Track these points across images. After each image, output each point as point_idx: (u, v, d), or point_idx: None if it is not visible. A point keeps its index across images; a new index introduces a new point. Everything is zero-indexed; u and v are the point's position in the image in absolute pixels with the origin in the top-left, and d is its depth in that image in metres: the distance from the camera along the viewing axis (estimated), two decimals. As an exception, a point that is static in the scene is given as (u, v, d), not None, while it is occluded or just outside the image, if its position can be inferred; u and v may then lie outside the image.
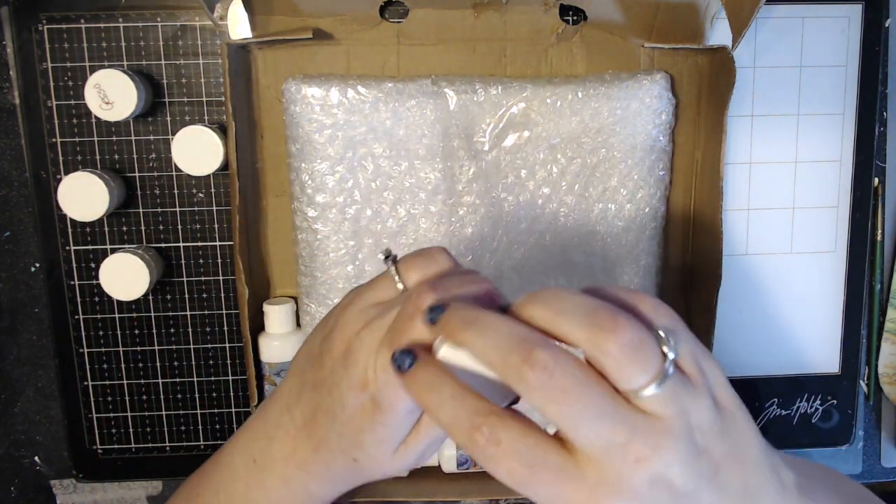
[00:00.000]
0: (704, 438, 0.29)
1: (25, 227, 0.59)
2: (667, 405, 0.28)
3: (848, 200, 0.62)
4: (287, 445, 0.38)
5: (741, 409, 0.31)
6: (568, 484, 0.28)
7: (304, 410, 0.38)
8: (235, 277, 0.58)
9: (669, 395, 0.28)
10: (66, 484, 0.64)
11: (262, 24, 0.56)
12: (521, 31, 0.58)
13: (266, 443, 0.39)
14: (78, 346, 0.61)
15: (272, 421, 0.40)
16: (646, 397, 0.28)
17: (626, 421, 0.28)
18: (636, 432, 0.27)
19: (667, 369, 0.28)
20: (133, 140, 0.58)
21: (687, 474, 0.28)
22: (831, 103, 0.61)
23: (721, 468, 0.29)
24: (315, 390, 0.37)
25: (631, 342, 0.27)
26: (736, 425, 0.30)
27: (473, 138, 0.57)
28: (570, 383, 0.27)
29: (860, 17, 0.60)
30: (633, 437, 0.27)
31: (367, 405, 0.34)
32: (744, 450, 0.30)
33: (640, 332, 0.28)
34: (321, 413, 0.37)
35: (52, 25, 0.56)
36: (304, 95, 0.55)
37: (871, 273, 0.64)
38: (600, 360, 0.28)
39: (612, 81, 0.57)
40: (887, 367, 0.64)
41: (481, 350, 0.29)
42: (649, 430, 0.28)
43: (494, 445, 0.28)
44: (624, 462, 0.27)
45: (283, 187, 0.60)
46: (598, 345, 0.28)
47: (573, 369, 0.28)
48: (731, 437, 0.30)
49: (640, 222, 0.59)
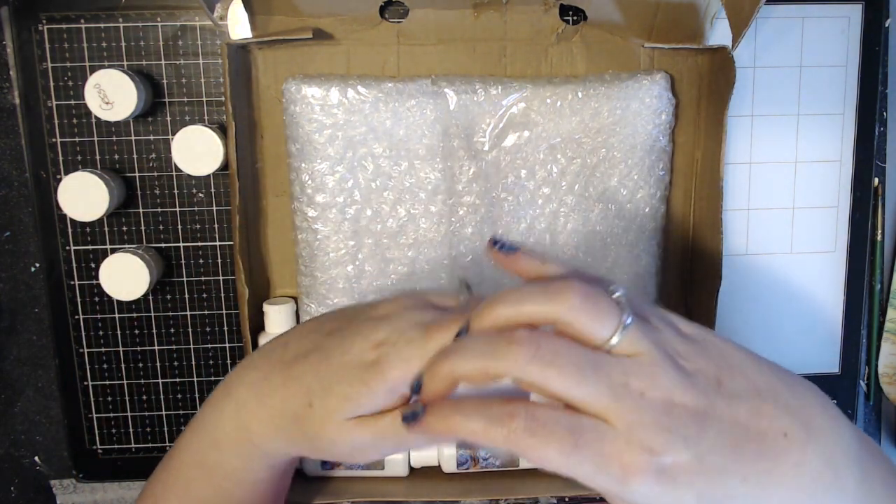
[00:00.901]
0: (688, 362, 0.31)
1: (25, 227, 0.59)
2: (639, 343, 0.30)
3: (848, 200, 0.62)
4: (261, 373, 0.39)
5: (709, 333, 0.33)
6: (608, 440, 0.29)
7: (301, 347, 0.38)
8: (235, 277, 0.58)
9: (637, 335, 0.30)
10: (66, 484, 0.64)
11: (262, 24, 0.56)
12: (521, 31, 0.58)
13: (244, 371, 0.40)
14: (78, 346, 0.61)
15: (263, 351, 0.41)
16: (618, 343, 0.30)
17: (616, 365, 0.30)
18: (628, 371, 0.30)
19: (624, 314, 0.30)
20: (133, 140, 0.58)
21: (691, 392, 0.30)
22: (831, 103, 0.61)
23: (722, 380, 0.31)
24: (328, 335, 0.38)
25: (585, 298, 0.30)
26: (712, 344, 0.32)
27: (473, 138, 0.57)
28: (558, 346, 0.29)
29: (860, 17, 0.60)
30: (627, 376, 0.29)
31: (366, 361, 0.35)
32: (732, 360, 0.32)
33: (589, 288, 0.30)
34: (317, 352, 0.37)
35: (52, 25, 0.56)
36: (304, 95, 0.55)
37: (871, 273, 0.64)
38: (568, 328, 0.30)
39: (612, 81, 0.57)
40: (887, 367, 0.64)
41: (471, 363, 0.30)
42: (637, 366, 0.30)
43: (536, 424, 0.29)
44: (634, 399, 0.29)
45: (283, 187, 0.60)
46: (559, 312, 0.30)
47: (554, 337, 0.30)
48: (712, 355, 0.32)
49: (640, 222, 0.59)
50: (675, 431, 0.29)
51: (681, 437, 0.29)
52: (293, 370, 0.38)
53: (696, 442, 0.29)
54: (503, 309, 0.31)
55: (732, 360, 0.32)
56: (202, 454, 0.41)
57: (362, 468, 0.59)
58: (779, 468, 0.30)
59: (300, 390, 0.37)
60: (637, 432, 0.29)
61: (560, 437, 0.28)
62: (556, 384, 0.29)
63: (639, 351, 0.30)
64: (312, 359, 0.37)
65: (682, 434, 0.29)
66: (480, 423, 0.29)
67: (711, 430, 0.30)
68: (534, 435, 0.28)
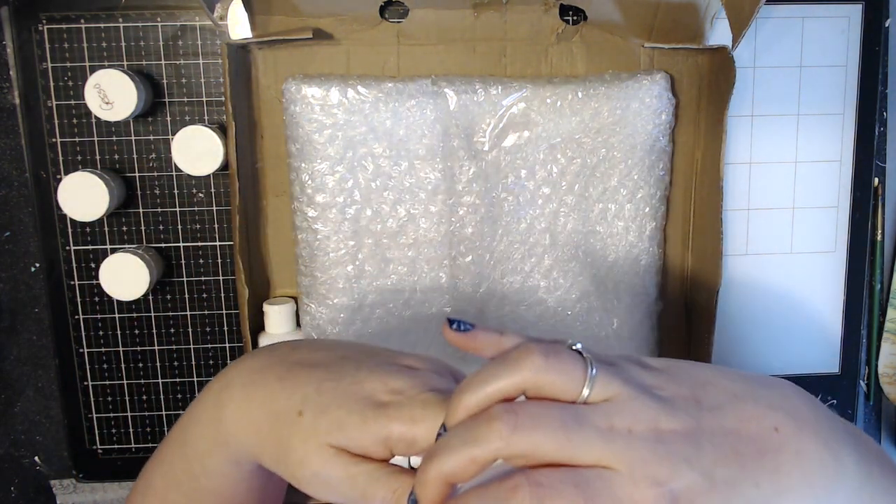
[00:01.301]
0: (662, 390, 0.31)
1: (25, 227, 0.59)
2: (610, 386, 0.30)
3: (848, 200, 0.62)
4: (258, 361, 0.38)
5: (671, 361, 0.33)
6: (616, 484, 0.28)
7: (309, 357, 0.38)
8: (235, 277, 0.58)
9: (606, 379, 0.30)
10: (66, 484, 0.64)
11: (262, 24, 0.56)
12: (521, 31, 0.58)
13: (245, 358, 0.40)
14: (78, 346, 0.61)
15: (269, 347, 0.40)
16: (590, 393, 0.30)
17: (596, 411, 0.29)
18: (609, 414, 0.29)
19: (588, 364, 0.30)
20: (133, 140, 0.58)
21: (675, 416, 0.30)
22: (831, 103, 0.61)
23: (699, 398, 0.31)
24: (342, 359, 0.37)
25: (546, 357, 0.29)
26: (678, 368, 0.33)
27: (473, 138, 0.57)
28: (534, 409, 0.29)
29: (860, 17, 0.60)
30: (609, 418, 0.29)
31: (375, 400, 0.35)
32: (701, 376, 0.32)
33: (548, 347, 0.30)
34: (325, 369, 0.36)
35: (52, 25, 0.56)
36: (304, 95, 0.55)
37: (871, 273, 0.64)
38: (538, 392, 0.30)
39: (612, 81, 0.57)
40: (887, 367, 0.64)
41: (457, 457, 0.29)
42: (616, 406, 0.30)
43: (542, 491, 0.28)
44: (624, 439, 0.29)
45: (283, 187, 0.60)
46: (525, 379, 0.29)
47: (528, 403, 0.29)
48: (682, 378, 0.32)
49: (640, 222, 0.59)
50: (674, 456, 0.29)
51: (682, 461, 0.29)
52: (293, 372, 0.37)
53: (698, 460, 0.29)
54: (470, 396, 0.30)
55: (701, 376, 0.32)
56: (183, 431, 0.40)
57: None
58: (783, 463, 0.30)
59: (294, 394, 0.36)
60: (639, 469, 0.28)
61: (570, 495, 0.28)
62: (546, 447, 0.28)
63: (612, 393, 0.30)
64: (318, 373, 0.36)
65: (681, 457, 0.29)
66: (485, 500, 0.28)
67: (708, 445, 0.30)
68: (543, 501, 0.27)
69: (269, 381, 0.37)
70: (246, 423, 0.37)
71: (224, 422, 0.38)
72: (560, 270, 0.59)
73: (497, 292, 0.59)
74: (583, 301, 0.60)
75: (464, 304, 0.59)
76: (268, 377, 0.37)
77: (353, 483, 0.34)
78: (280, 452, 0.36)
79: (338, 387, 0.35)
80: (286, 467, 0.36)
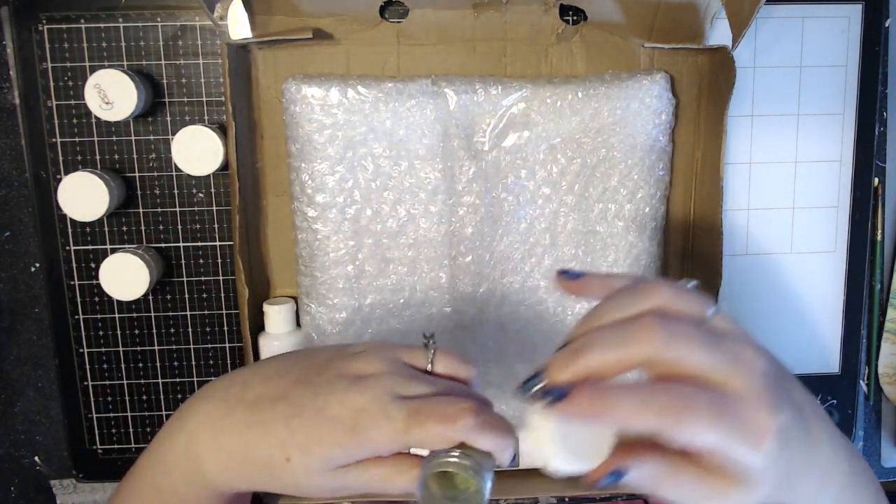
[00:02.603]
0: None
1: (25, 227, 0.59)
2: (727, 320, 0.33)
3: (848, 200, 0.62)
4: (219, 410, 0.38)
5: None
6: (742, 405, 0.31)
7: (264, 393, 0.37)
8: (235, 277, 0.58)
9: (723, 313, 0.33)
10: (66, 484, 0.64)
11: (262, 24, 0.56)
12: (521, 31, 0.58)
13: (199, 402, 0.39)
14: (78, 346, 0.61)
15: (219, 385, 0.40)
16: (712, 318, 0.33)
17: (724, 337, 0.32)
18: (735, 341, 0.32)
19: (709, 300, 0.33)
20: (133, 140, 0.58)
21: (770, 358, 0.33)
22: (831, 103, 0.61)
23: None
24: (295, 384, 0.37)
25: (673, 287, 0.33)
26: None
27: (473, 138, 0.57)
28: (686, 326, 0.31)
29: (860, 17, 0.60)
30: (736, 345, 0.32)
31: (344, 425, 0.35)
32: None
33: (670, 283, 0.33)
34: (285, 402, 0.37)
35: (52, 25, 0.56)
36: (304, 95, 0.55)
37: (871, 273, 0.64)
38: (674, 314, 0.32)
39: (612, 81, 0.57)
40: (887, 367, 0.64)
41: (609, 354, 0.31)
42: (735, 338, 0.32)
43: (681, 400, 0.30)
44: (748, 365, 0.31)
45: (283, 187, 0.60)
46: (662, 303, 0.32)
47: (678, 319, 0.32)
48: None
49: (640, 222, 0.59)
50: (780, 392, 0.31)
51: (784, 398, 0.32)
52: (257, 414, 0.37)
53: (790, 400, 0.32)
54: (615, 312, 0.32)
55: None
56: (155, 478, 0.40)
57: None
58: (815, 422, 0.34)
59: (270, 441, 0.36)
60: (760, 395, 0.31)
61: (706, 408, 0.30)
62: (690, 360, 0.31)
63: (729, 326, 0.33)
64: (281, 408, 0.36)
65: (784, 394, 0.32)
66: (634, 401, 0.30)
67: (791, 390, 0.33)
68: (684, 409, 0.29)
69: (240, 430, 0.37)
70: (232, 473, 0.38)
71: (207, 475, 0.38)
72: (560, 270, 0.59)
73: (497, 292, 0.59)
74: (583, 301, 0.60)
75: (464, 304, 0.59)
76: (233, 424, 0.37)
77: (370, 485, 0.36)
78: (288, 489, 0.37)
79: (305, 419, 0.36)
80: (301, 494, 0.37)
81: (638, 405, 0.30)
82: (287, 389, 0.37)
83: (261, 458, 0.36)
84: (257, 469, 0.37)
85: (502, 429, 0.36)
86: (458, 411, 0.35)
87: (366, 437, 0.35)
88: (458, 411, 0.35)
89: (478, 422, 0.35)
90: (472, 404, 0.35)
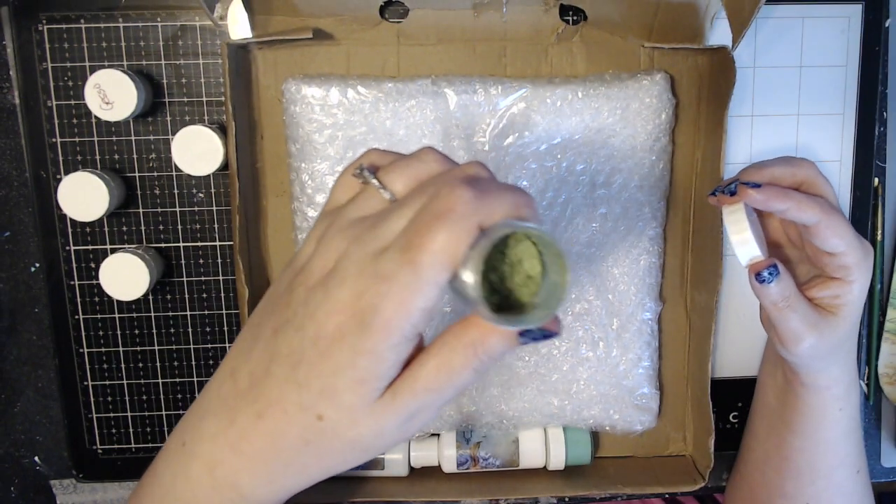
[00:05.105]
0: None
1: (25, 227, 0.59)
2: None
3: (848, 200, 0.62)
4: (222, 418, 0.33)
5: None
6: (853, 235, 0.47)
7: (254, 368, 0.32)
8: (235, 277, 0.58)
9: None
10: (66, 484, 0.64)
11: (262, 24, 0.56)
12: (521, 31, 0.58)
13: (197, 419, 0.34)
14: (78, 346, 0.61)
15: (212, 392, 0.34)
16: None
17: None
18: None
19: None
20: (133, 140, 0.58)
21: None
22: (831, 103, 0.61)
23: None
24: (275, 336, 0.32)
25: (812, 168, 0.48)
26: None
27: (473, 138, 0.57)
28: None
29: (860, 17, 0.60)
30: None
31: (350, 329, 0.29)
32: None
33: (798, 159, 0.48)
34: (279, 362, 0.31)
35: (52, 25, 0.56)
36: (304, 95, 0.55)
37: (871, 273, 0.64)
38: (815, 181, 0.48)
39: (612, 81, 0.57)
40: (887, 367, 0.64)
41: (781, 204, 0.45)
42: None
43: (838, 215, 0.46)
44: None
45: (283, 187, 0.60)
46: (797, 175, 0.47)
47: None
48: None
49: (640, 223, 0.59)
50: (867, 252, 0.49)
51: (871, 258, 0.49)
52: (260, 399, 0.32)
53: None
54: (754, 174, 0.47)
55: None
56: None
57: (362, 468, 0.59)
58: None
59: (290, 411, 0.31)
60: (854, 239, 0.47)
61: (843, 216, 0.46)
62: (827, 189, 0.47)
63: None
64: (278, 373, 0.31)
65: (870, 256, 0.49)
66: (803, 198, 0.44)
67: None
68: (832, 212, 0.45)
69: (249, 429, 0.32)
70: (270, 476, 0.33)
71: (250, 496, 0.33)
72: (560, 270, 0.59)
73: (497, 292, 0.59)
74: (583, 301, 0.60)
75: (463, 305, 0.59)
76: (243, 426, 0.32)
77: (431, 385, 0.31)
78: (341, 456, 0.33)
79: (308, 363, 0.30)
80: (359, 457, 0.33)
81: (807, 200, 0.44)
82: (271, 348, 0.32)
83: (293, 436, 0.31)
84: (297, 453, 0.32)
85: (510, 188, 0.30)
86: (454, 201, 0.28)
87: (381, 316, 0.29)
88: (455, 201, 0.28)
89: (480, 192, 0.29)
90: (466, 189, 0.29)
